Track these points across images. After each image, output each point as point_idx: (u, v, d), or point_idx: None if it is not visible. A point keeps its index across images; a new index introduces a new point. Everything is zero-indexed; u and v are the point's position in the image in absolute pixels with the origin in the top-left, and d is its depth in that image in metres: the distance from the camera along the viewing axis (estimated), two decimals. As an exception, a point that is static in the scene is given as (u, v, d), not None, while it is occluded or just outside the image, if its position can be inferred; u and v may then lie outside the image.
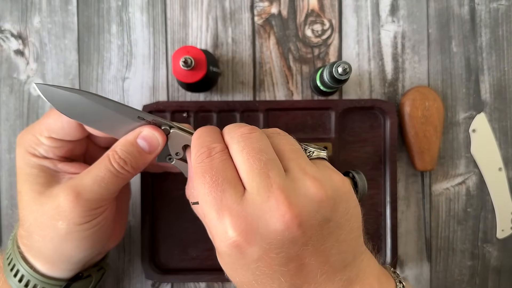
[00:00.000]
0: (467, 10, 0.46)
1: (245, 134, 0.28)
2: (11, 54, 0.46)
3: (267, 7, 0.46)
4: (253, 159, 0.26)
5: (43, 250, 0.32)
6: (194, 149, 0.28)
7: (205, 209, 0.26)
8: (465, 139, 0.46)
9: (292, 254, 0.25)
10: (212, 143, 0.28)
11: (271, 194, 0.25)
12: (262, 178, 0.25)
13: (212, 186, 0.25)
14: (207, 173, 0.26)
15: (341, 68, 0.37)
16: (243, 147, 0.27)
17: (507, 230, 0.45)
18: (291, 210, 0.24)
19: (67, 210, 0.30)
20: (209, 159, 0.27)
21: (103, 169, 0.30)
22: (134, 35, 0.46)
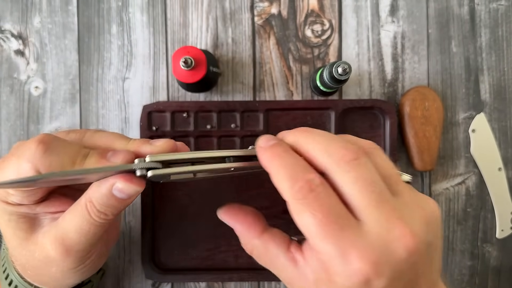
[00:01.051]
0: (467, 10, 0.46)
1: (352, 161, 0.25)
2: (11, 54, 0.46)
3: (267, 7, 0.46)
4: (367, 191, 0.24)
5: (40, 280, 0.32)
6: (286, 182, 0.25)
7: (321, 247, 0.24)
8: (465, 139, 0.46)
9: (409, 279, 0.25)
10: (306, 173, 0.25)
11: (393, 225, 0.24)
12: (381, 210, 0.24)
13: (327, 224, 0.23)
14: (316, 211, 0.24)
15: (341, 68, 0.37)
16: (356, 178, 0.25)
17: (507, 230, 0.45)
18: (413, 238, 0.24)
19: (59, 260, 0.29)
20: (314, 195, 0.24)
21: (85, 223, 0.28)
22: (134, 35, 0.46)
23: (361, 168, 0.25)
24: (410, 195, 0.26)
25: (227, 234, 0.44)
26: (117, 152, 0.28)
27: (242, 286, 0.45)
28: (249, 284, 0.45)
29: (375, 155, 0.27)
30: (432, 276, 0.26)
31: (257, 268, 0.44)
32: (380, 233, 0.24)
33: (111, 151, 0.28)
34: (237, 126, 0.43)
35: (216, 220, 0.44)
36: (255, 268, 0.44)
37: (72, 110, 0.46)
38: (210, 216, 0.44)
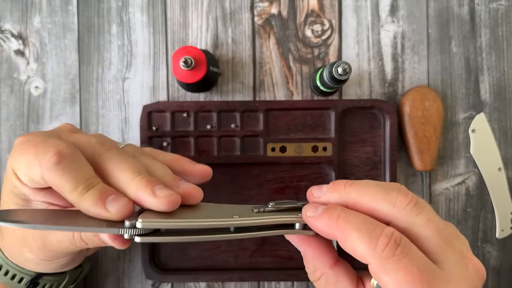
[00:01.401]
0: (467, 10, 0.46)
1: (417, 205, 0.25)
2: (11, 54, 0.46)
3: (267, 7, 0.46)
4: (438, 231, 0.24)
5: (12, 255, 0.33)
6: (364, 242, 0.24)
7: None
8: (465, 139, 0.46)
9: None
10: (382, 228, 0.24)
11: (468, 260, 0.24)
12: (453, 246, 0.24)
13: (422, 276, 0.23)
14: (410, 267, 0.23)
15: (341, 68, 0.37)
16: (427, 220, 0.24)
17: (507, 230, 0.45)
18: (483, 270, 0.25)
19: (35, 250, 0.30)
20: (401, 250, 0.23)
21: (66, 239, 0.29)
22: (134, 35, 0.46)
23: (425, 209, 0.25)
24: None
25: (227, 234, 0.44)
26: (117, 199, 0.26)
27: (242, 286, 0.45)
28: (249, 284, 0.45)
29: (422, 201, 0.27)
30: None
31: (257, 268, 0.44)
32: (461, 274, 0.24)
33: (113, 194, 0.26)
34: (237, 126, 0.43)
35: (216, 220, 0.44)
36: (255, 268, 0.44)
37: (72, 110, 0.46)
38: (210, 216, 0.44)
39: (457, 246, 0.25)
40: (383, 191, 0.25)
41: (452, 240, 0.25)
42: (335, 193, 0.27)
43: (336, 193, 0.27)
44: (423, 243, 0.24)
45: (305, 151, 0.44)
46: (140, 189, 0.26)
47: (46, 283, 0.35)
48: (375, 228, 0.24)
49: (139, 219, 0.24)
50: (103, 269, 0.45)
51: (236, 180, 0.44)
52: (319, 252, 0.27)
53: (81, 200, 0.26)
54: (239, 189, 0.44)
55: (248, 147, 0.44)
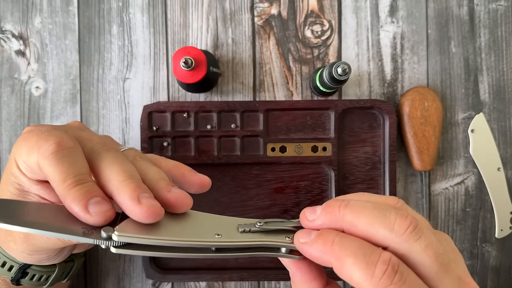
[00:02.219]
0: (466, 10, 0.46)
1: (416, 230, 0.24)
2: (12, 54, 0.46)
3: (267, 8, 0.46)
4: (436, 256, 0.23)
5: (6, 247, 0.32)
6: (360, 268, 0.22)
7: None
8: (464, 139, 0.46)
9: None
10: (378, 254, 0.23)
11: (466, 285, 0.24)
12: (451, 270, 0.24)
13: None
14: None
15: (341, 68, 0.37)
16: (426, 246, 0.23)
17: (506, 230, 0.45)
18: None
19: (17, 241, 0.30)
20: (399, 277, 0.22)
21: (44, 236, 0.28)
22: (135, 35, 0.46)
23: (424, 233, 0.24)
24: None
25: (227, 233, 0.44)
26: (100, 203, 0.25)
27: (242, 285, 0.46)
28: (249, 284, 0.46)
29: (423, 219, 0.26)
30: None
31: (257, 268, 0.44)
32: None
33: (99, 197, 0.25)
34: (237, 126, 0.44)
35: (216, 220, 0.44)
36: (255, 267, 0.44)
37: (73, 110, 0.46)
38: (210, 216, 0.44)
39: (455, 271, 0.24)
40: (380, 213, 0.24)
41: (451, 265, 0.24)
42: (329, 215, 0.25)
43: (330, 215, 0.25)
44: (420, 270, 0.23)
45: (305, 151, 0.44)
46: (126, 193, 0.25)
47: (35, 273, 0.35)
48: (371, 253, 0.23)
49: (115, 231, 0.23)
50: (104, 268, 0.45)
51: (236, 180, 0.44)
52: (309, 277, 0.26)
53: (67, 194, 0.25)
54: (239, 189, 0.44)
55: (248, 147, 0.44)
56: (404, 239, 0.23)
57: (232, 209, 0.44)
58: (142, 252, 0.24)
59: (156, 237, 0.24)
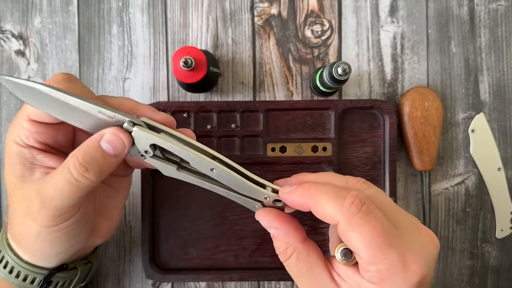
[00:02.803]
0: (466, 10, 0.46)
1: (367, 182, 0.29)
2: (12, 54, 0.46)
3: (267, 7, 0.46)
4: (390, 200, 0.28)
5: (22, 241, 0.32)
6: (332, 202, 0.26)
7: (379, 257, 0.25)
8: (464, 139, 0.46)
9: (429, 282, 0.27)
10: (349, 190, 0.27)
11: (421, 229, 0.27)
12: (406, 216, 0.28)
13: (385, 233, 0.25)
14: (375, 222, 0.25)
15: (341, 68, 0.37)
16: (378, 191, 0.28)
17: (506, 230, 0.45)
18: (436, 238, 0.27)
19: (35, 212, 0.29)
20: (366, 207, 0.26)
21: (61, 178, 0.28)
22: (135, 35, 0.46)
23: (374, 186, 0.29)
24: None
25: (227, 233, 0.44)
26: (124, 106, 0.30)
27: (242, 285, 0.46)
28: (249, 284, 0.46)
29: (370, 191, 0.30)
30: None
31: (257, 268, 0.44)
32: (416, 237, 0.26)
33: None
34: (237, 126, 0.44)
35: (216, 220, 0.44)
36: (255, 267, 0.44)
37: (73, 110, 0.46)
38: (210, 216, 0.44)
39: (408, 217, 0.28)
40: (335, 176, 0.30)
41: (403, 211, 0.28)
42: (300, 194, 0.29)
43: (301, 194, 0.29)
44: (381, 209, 0.26)
45: (305, 151, 0.44)
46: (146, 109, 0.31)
47: (59, 280, 0.35)
48: (341, 191, 0.27)
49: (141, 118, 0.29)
50: (104, 268, 0.45)
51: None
52: (292, 228, 0.29)
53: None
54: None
55: (248, 147, 0.44)
56: (366, 187, 0.28)
57: (232, 209, 0.44)
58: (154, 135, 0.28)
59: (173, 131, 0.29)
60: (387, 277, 0.25)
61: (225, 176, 0.30)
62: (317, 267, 0.28)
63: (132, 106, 0.31)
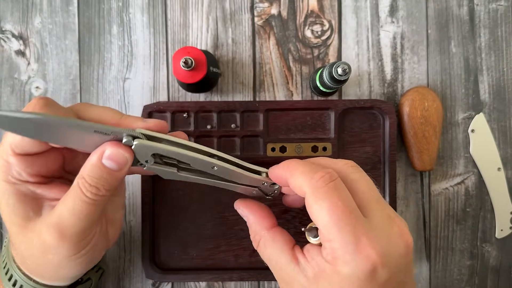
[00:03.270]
0: (466, 10, 0.46)
1: (356, 166, 0.29)
2: (12, 54, 0.46)
3: (267, 8, 0.46)
4: (374, 190, 0.28)
5: (38, 271, 0.31)
6: (305, 174, 0.28)
7: (335, 234, 0.25)
8: (464, 139, 0.46)
9: (403, 279, 0.26)
10: (324, 168, 0.28)
11: (394, 222, 0.27)
12: (383, 207, 0.28)
13: (345, 211, 0.25)
14: (336, 198, 0.26)
15: (341, 68, 0.37)
16: (364, 177, 0.28)
17: (506, 230, 0.45)
18: (409, 237, 0.27)
19: (55, 247, 0.29)
20: (334, 184, 0.27)
21: (78, 200, 0.28)
22: (135, 35, 0.46)
23: (363, 172, 0.29)
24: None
25: (227, 233, 0.44)
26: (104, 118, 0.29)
27: (242, 285, 0.46)
28: (249, 284, 0.46)
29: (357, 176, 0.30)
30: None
31: (257, 268, 0.44)
32: (384, 228, 0.26)
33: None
34: (237, 126, 0.44)
35: (216, 220, 0.44)
36: (255, 267, 0.44)
37: (73, 110, 0.46)
38: (210, 216, 0.44)
39: (386, 209, 0.28)
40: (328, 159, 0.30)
41: (382, 203, 0.28)
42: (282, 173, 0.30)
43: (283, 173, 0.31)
44: (356, 195, 0.27)
45: (305, 151, 0.44)
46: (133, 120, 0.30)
47: None
48: (316, 167, 0.28)
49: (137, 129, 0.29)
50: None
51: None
52: (259, 217, 0.31)
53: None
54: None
55: (248, 147, 0.44)
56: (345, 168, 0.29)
57: (232, 209, 0.44)
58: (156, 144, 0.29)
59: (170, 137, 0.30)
60: (339, 256, 0.25)
61: (225, 171, 0.31)
62: (283, 252, 0.29)
63: (112, 117, 0.30)
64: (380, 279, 0.25)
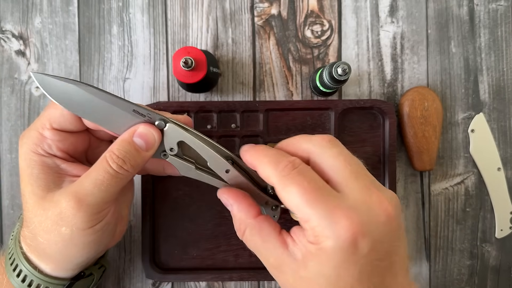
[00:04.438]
0: (466, 10, 0.46)
1: (332, 141, 0.29)
2: (12, 54, 0.46)
3: (267, 8, 0.46)
4: (350, 164, 0.28)
5: (48, 251, 0.32)
6: (271, 165, 0.29)
7: (309, 213, 0.26)
8: (464, 139, 0.46)
9: (388, 248, 0.27)
10: (288, 157, 0.29)
11: (372, 192, 0.27)
12: (360, 179, 0.28)
13: (313, 190, 0.26)
14: (302, 181, 0.27)
15: (341, 68, 0.37)
16: (338, 153, 0.29)
17: (506, 230, 0.45)
18: (391, 204, 0.27)
19: (70, 216, 0.29)
20: (297, 170, 0.27)
21: (101, 171, 0.29)
22: (135, 35, 0.46)
23: (340, 147, 0.29)
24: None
25: (227, 233, 0.44)
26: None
27: (242, 285, 0.46)
28: (249, 284, 0.46)
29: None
30: (405, 264, 0.28)
31: (257, 268, 0.44)
32: (361, 198, 0.27)
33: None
34: (237, 126, 0.44)
35: (216, 220, 0.44)
36: (255, 267, 0.44)
37: (73, 110, 0.46)
38: (210, 216, 0.44)
39: (364, 181, 0.28)
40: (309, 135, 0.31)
41: (360, 175, 0.28)
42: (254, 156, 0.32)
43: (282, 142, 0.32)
44: (329, 174, 0.28)
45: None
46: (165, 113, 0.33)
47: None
48: (282, 156, 0.29)
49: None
50: (104, 268, 0.45)
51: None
52: (245, 205, 0.31)
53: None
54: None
55: (248, 147, 0.44)
56: (320, 147, 0.29)
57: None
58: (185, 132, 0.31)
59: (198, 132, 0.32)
60: (319, 233, 0.26)
61: (237, 178, 0.33)
62: (271, 239, 0.29)
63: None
64: (363, 250, 0.25)
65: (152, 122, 0.31)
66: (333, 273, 0.26)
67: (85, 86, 0.29)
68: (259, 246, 0.30)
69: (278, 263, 0.28)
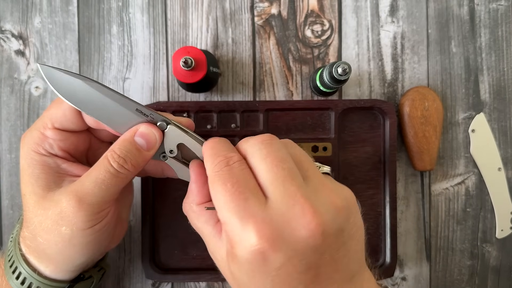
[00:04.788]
0: (467, 10, 0.46)
1: (266, 141, 0.28)
2: (11, 54, 0.46)
3: (267, 7, 0.46)
4: (276, 167, 0.26)
5: (48, 252, 0.32)
6: (209, 158, 0.28)
7: (225, 216, 0.26)
8: (465, 139, 0.46)
9: (312, 261, 0.25)
10: (228, 153, 0.28)
11: (296, 202, 0.25)
12: (286, 186, 0.25)
13: (234, 193, 0.25)
14: (227, 181, 0.26)
15: (341, 68, 0.37)
16: (266, 155, 0.27)
17: (507, 230, 0.45)
18: (316, 218, 0.25)
19: (70, 215, 0.29)
20: (228, 168, 0.27)
21: (102, 170, 0.30)
22: (135, 35, 0.46)
23: (272, 147, 0.27)
24: (321, 181, 0.27)
25: (227, 234, 0.44)
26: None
27: (242, 286, 0.46)
28: (249, 284, 0.46)
29: (290, 146, 0.29)
30: (349, 266, 0.27)
31: (257, 268, 0.44)
32: (281, 209, 0.25)
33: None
34: (237, 126, 0.44)
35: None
36: (255, 268, 0.44)
37: (73, 110, 0.46)
38: (210, 216, 0.44)
39: (289, 186, 0.25)
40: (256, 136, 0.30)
41: (286, 179, 0.26)
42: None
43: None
44: (258, 175, 0.27)
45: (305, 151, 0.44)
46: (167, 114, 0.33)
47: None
48: (224, 150, 0.28)
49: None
50: (104, 269, 0.45)
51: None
52: (200, 189, 0.31)
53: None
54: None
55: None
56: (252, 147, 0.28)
57: (232, 209, 0.44)
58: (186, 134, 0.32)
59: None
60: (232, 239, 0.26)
61: None
62: (208, 227, 0.30)
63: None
64: (274, 263, 0.24)
65: (154, 123, 0.31)
66: (247, 277, 0.26)
67: (91, 81, 0.30)
68: (200, 230, 0.31)
69: (212, 249, 0.29)
